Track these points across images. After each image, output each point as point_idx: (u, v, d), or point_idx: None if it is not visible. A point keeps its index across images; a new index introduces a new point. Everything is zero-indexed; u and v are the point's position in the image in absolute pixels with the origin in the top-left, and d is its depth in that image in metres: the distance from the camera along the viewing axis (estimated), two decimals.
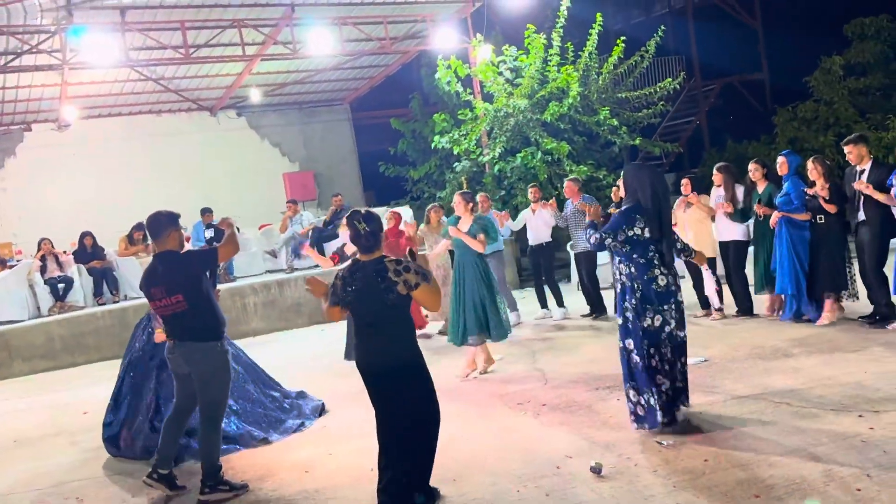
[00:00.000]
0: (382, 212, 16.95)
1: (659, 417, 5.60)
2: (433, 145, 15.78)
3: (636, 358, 5.67)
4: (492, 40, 16.47)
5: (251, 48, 15.11)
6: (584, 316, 10.95)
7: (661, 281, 5.66)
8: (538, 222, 11.21)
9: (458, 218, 8.43)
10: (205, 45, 14.62)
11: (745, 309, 9.39)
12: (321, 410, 7.36)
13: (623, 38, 15.72)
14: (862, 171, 8.01)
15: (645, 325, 5.62)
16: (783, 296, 8.83)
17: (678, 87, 16.52)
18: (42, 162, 17.81)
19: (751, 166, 9.06)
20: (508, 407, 6.83)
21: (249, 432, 6.58)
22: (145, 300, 13.42)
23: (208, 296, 5.41)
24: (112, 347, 12.72)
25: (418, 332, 10.79)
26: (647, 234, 5.64)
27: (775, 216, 8.56)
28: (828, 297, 8.47)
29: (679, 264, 6.74)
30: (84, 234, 13.96)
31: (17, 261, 14.22)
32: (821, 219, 8.38)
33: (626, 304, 5.71)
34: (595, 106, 15.73)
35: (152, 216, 5.51)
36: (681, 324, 5.77)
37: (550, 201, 11.34)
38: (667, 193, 5.89)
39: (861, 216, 8.02)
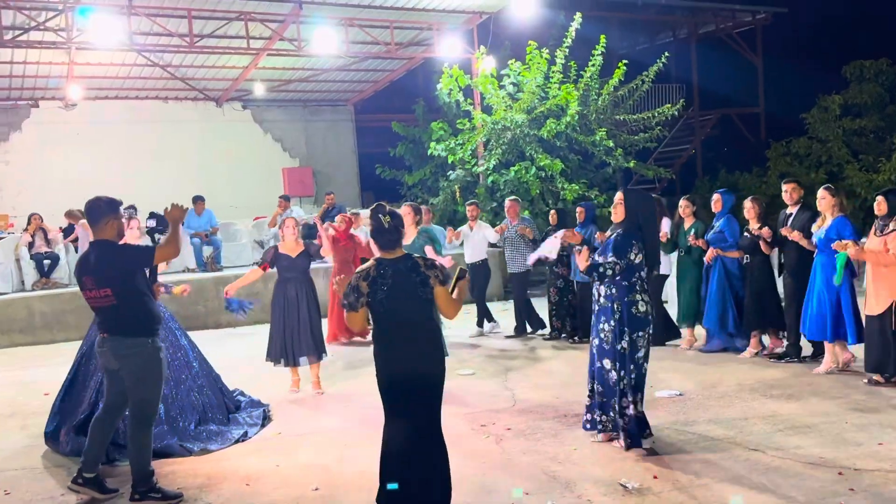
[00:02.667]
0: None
1: (645, 432, 5.49)
2: (429, 152, 15.21)
3: (615, 377, 5.49)
4: (501, 55, 15.95)
5: (257, 42, 14.57)
6: (546, 337, 10.35)
7: (641, 307, 5.48)
8: (476, 240, 10.67)
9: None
10: (210, 35, 14.08)
11: (658, 339, 8.75)
12: (265, 417, 6.72)
13: (625, 61, 15.14)
14: (790, 215, 7.91)
15: (618, 348, 5.45)
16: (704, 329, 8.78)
17: (676, 113, 15.96)
18: (47, 139, 17.26)
19: (681, 202, 8.97)
20: (472, 429, 6.25)
21: (183, 444, 5.93)
22: None
23: (141, 292, 4.84)
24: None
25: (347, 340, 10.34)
26: (637, 260, 5.45)
27: (711, 252, 8.41)
28: (754, 334, 8.36)
29: None
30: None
31: (9, 233, 13.64)
32: (747, 258, 8.26)
33: (604, 325, 5.53)
34: (593, 126, 15.17)
35: (91, 201, 4.96)
36: (647, 354, 5.56)
37: (501, 226, 10.64)
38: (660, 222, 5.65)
39: (782, 258, 8.08)
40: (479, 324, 10.65)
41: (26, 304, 11.73)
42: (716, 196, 8.66)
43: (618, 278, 5.45)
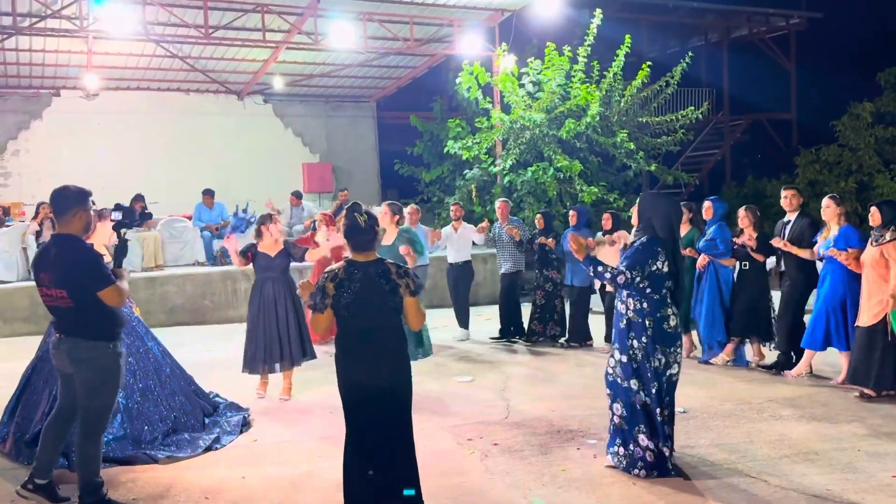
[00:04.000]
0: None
1: (669, 465, 5.01)
2: (445, 150, 14.80)
3: (645, 399, 5.02)
4: (527, 53, 15.51)
5: (273, 35, 14.28)
6: (516, 340, 10.04)
7: (672, 321, 5.07)
8: (460, 240, 10.31)
9: (383, 230, 7.54)
10: (226, 26, 13.81)
11: None
12: (243, 424, 6.29)
13: (649, 62, 14.61)
14: (788, 222, 7.77)
15: (654, 366, 4.99)
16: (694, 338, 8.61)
17: (700, 117, 15.38)
18: (67, 128, 17.09)
19: None
20: (457, 442, 5.84)
21: (147, 452, 5.52)
22: (138, 275, 12.53)
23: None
24: None
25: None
26: (665, 269, 5.01)
27: (702, 259, 8.21)
28: (733, 341, 8.18)
29: None
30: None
31: (21, 221, 13.46)
32: (745, 265, 8.07)
33: (635, 342, 5.02)
34: (614, 128, 14.66)
35: (58, 190, 4.53)
36: (679, 369, 5.16)
37: (483, 224, 10.29)
38: (679, 226, 5.33)
39: (782, 267, 7.91)
40: (464, 325, 10.33)
41: (29, 294, 11.48)
42: (706, 204, 8.45)
43: (648, 292, 4.99)
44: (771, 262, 8.30)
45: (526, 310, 10.21)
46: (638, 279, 4.93)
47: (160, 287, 12.35)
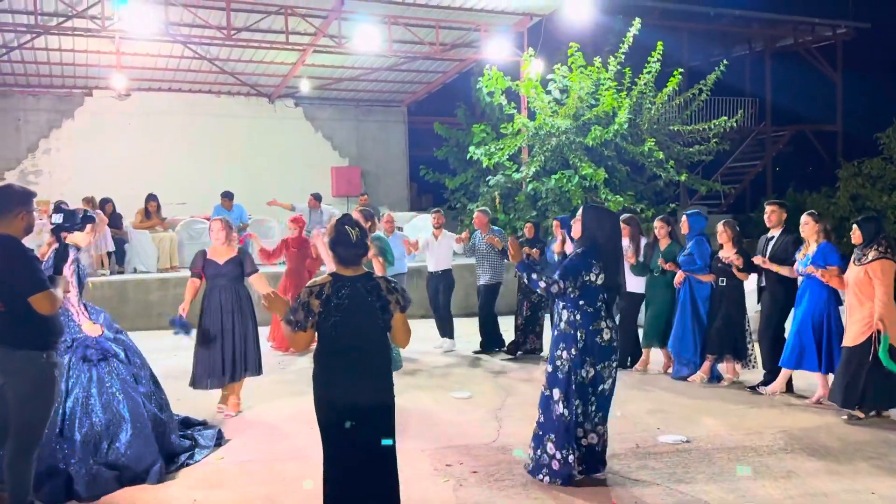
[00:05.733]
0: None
1: (575, 473, 4.93)
2: (468, 156, 14.37)
3: (561, 409, 4.96)
4: (557, 59, 15.00)
5: (298, 38, 14.04)
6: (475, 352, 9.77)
7: (606, 335, 4.99)
8: (441, 249, 9.96)
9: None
10: (249, 28, 13.61)
11: (621, 362, 8.08)
12: (219, 437, 5.95)
13: (680, 69, 13.99)
14: (771, 238, 7.55)
15: (579, 379, 4.93)
16: (670, 353, 8.34)
17: (735, 126, 14.71)
18: (98, 127, 17.12)
19: (655, 223, 8.60)
20: (433, 469, 5.40)
21: (133, 463, 5.12)
22: (151, 276, 12.34)
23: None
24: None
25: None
26: (599, 281, 4.96)
27: (680, 275, 8.01)
28: (709, 358, 7.93)
29: None
30: (104, 201, 13.03)
31: (40, 220, 13.36)
32: (723, 282, 7.84)
33: (563, 352, 4.99)
34: (644, 136, 14.07)
35: (2, 188, 4.23)
36: (614, 384, 5.10)
37: (463, 234, 10.03)
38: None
39: (763, 282, 7.67)
40: (449, 335, 9.97)
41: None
42: (682, 218, 8.25)
43: (581, 303, 4.93)
44: (753, 278, 7.89)
45: (506, 322, 9.90)
46: (570, 289, 4.87)
47: (173, 289, 12.14)
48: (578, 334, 4.92)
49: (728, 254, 7.73)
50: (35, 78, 16.59)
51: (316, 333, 3.81)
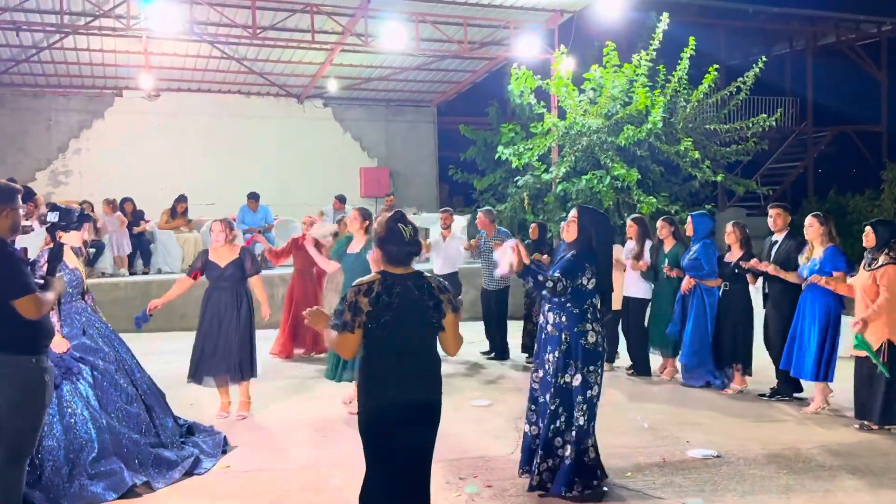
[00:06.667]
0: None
1: (563, 483, 4.75)
2: (496, 156, 14.07)
3: (561, 415, 4.86)
4: (587, 56, 14.66)
5: (324, 36, 13.87)
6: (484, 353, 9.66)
7: (591, 338, 4.86)
8: (448, 251, 9.72)
9: (351, 237, 7.05)
10: (275, 27, 13.51)
11: (641, 369, 8.45)
12: (224, 445, 5.72)
13: (716, 65, 13.55)
14: (775, 242, 7.32)
15: (561, 383, 4.82)
16: (677, 362, 8.17)
17: (774, 125, 14.22)
18: (128, 128, 17.12)
19: (659, 223, 8.34)
20: (446, 482, 5.14)
21: (124, 472, 4.88)
22: (175, 276, 12.26)
23: None
24: (127, 320, 11.57)
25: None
26: (590, 286, 4.87)
27: (687, 282, 7.78)
28: (736, 367, 7.71)
29: None
30: (124, 200, 13.02)
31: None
32: (726, 286, 7.62)
33: (549, 355, 4.89)
34: (679, 135, 13.65)
35: None
36: (600, 392, 4.94)
37: (472, 241, 9.77)
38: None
39: (766, 289, 7.43)
40: None
41: None
42: (687, 220, 8.01)
43: (568, 305, 4.83)
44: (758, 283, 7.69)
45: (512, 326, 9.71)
46: (570, 290, 4.77)
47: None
48: (563, 336, 4.83)
49: (738, 255, 7.50)
50: (66, 78, 16.64)
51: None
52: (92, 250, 12.07)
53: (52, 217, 4.33)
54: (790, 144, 23.14)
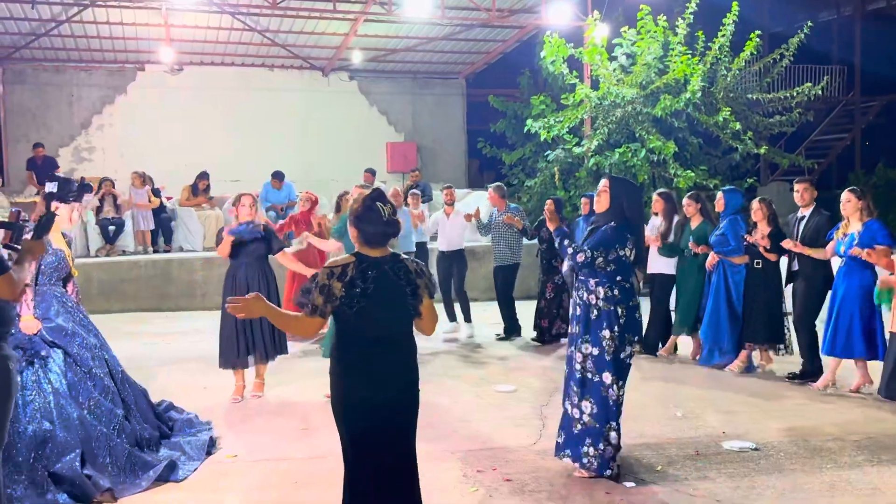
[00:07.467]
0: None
1: (607, 466, 4.73)
2: (525, 129, 13.69)
3: (619, 393, 4.75)
4: (615, 23, 14.18)
5: (346, 6, 13.57)
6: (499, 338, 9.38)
7: (640, 310, 4.89)
8: (452, 227, 9.52)
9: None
10: None
11: (650, 347, 8.30)
12: (210, 446, 5.34)
13: (758, 31, 13.01)
14: (802, 218, 7.14)
15: (622, 356, 4.76)
16: (700, 339, 7.97)
17: (820, 94, 13.66)
18: (150, 103, 16.98)
19: (685, 201, 8.12)
20: (463, 475, 4.89)
21: (90, 478, 4.46)
22: (196, 255, 12.15)
23: None
24: (150, 299, 11.69)
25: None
26: (632, 257, 4.81)
27: (712, 258, 7.64)
28: (748, 347, 7.56)
29: None
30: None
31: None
32: (758, 263, 7.40)
33: (606, 331, 4.72)
34: (719, 105, 13.17)
35: None
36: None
37: (474, 211, 9.51)
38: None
39: (795, 266, 7.18)
40: (467, 319, 9.53)
41: (84, 271, 11.22)
42: (719, 195, 7.81)
43: (619, 279, 4.76)
44: (784, 260, 7.48)
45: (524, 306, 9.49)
46: (600, 260, 4.69)
47: (218, 268, 11.89)
48: (619, 310, 4.72)
49: (756, 234, 7.29)
50: (87, 53, 16.56)
51: (328, 322, 3.46)
52: (112, 228, 12.02)
53: (51, 187, 4.13)
54: (836, 115, 22.36)
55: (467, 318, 9.50)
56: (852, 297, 6.63)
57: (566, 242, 4.82)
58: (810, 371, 7.14)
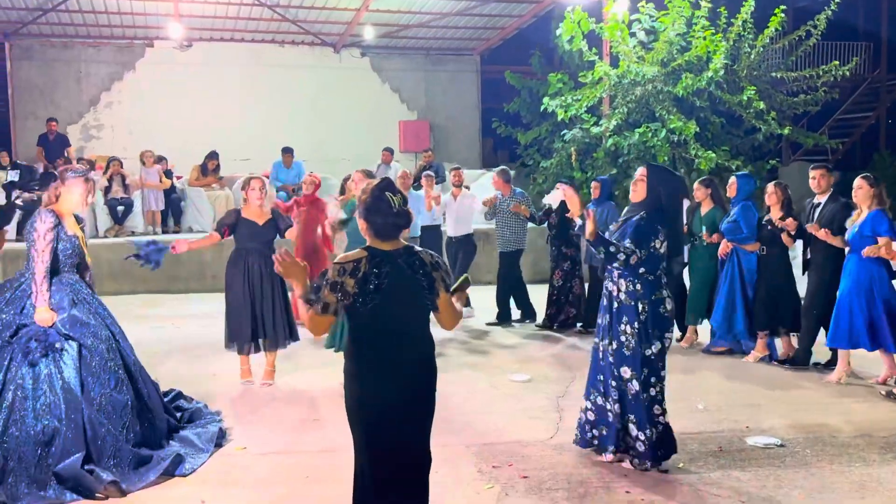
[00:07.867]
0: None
1: (660, 453, 4.71)
2: (542, 107, 13.47)
3: (636, 388, 4.69)
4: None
5: None
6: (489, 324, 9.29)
7: (668, 304, 4.75)
8: (460, 210, 9.40)
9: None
10: None
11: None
12: (220, 437, 5.23)
13: (783, 6, 12.71)
14: (817, 205, 6.98)
15: (646, 353, 4.66)
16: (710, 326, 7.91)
17: (847, 73, 13.36)
18: (159, 79, 16.83)
19: (695, 185, 8.09)
20: (478, 471, 4.77)
21: (92, 472, 4.38)
22: (203, 233, 12.04)
23: None
24: (160, 281, 11.57)
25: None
26: (662, 249, 4.70)
27: (725, 246, 7.55)
28: (762, 335, 7.45)
29: None
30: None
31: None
32: (763, 250, 7.36)
33: (626, 326, 4.69)
34: (742, 83, 12.91)
35: None
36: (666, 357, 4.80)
37: (492, 196, 9.33)
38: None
39: (808, 254, 7.14)
40: (467, 303, 9.32)
41: (93, 252, 11.02)
42: (731, 179, 7.70)
43: (642, 271, 4.65)
44: (798, 247, 7.40)
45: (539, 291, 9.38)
46: (636, 257, 4.60)
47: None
48: (640, 305, 4.65)
49: (778, 217, 7.16)
50: (94, 28, 16.39)
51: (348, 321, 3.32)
52: (121, 208, 11.94)
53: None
54: (861, 93, 21.96)
55: (467, 303, 9.36)
56: (857, 286, 6.49)
57: (612, 249, 4.60)
58: (800, 359, 7.14)
